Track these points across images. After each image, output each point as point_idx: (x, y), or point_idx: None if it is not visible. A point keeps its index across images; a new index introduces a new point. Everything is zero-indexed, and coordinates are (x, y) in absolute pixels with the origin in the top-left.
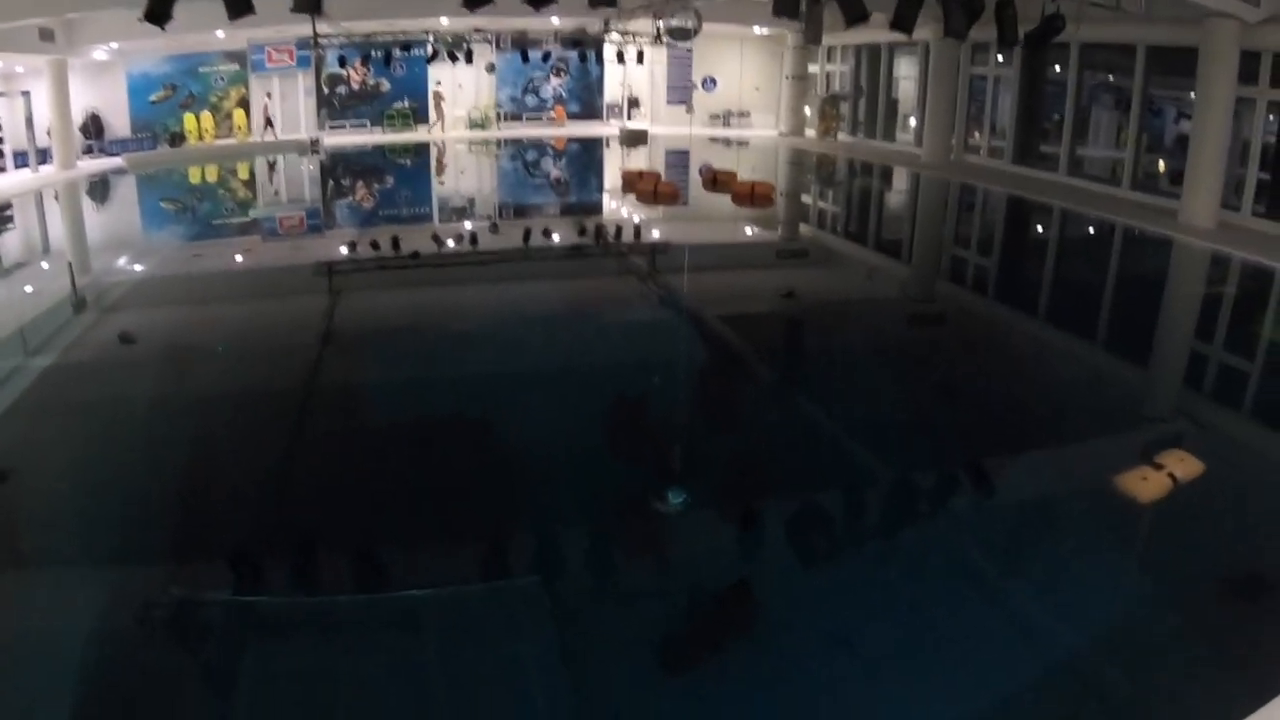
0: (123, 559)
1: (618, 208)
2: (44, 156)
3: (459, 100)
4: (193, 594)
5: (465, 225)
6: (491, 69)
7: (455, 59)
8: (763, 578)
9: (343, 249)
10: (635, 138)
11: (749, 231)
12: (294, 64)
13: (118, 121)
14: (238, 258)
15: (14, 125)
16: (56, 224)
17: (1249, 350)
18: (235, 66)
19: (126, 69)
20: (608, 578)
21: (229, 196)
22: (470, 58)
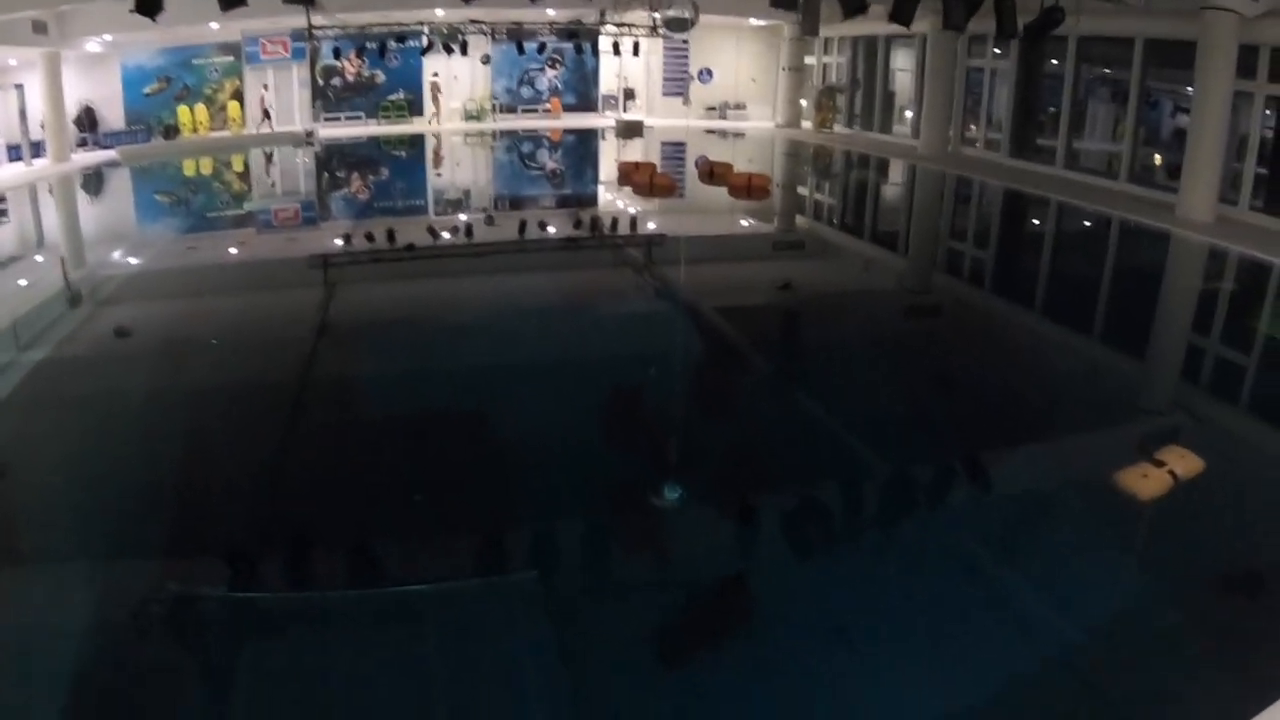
0: (118, 553)
1: (613, 200)
2: (38, 150)
3: (454, 92)
4: (189, 590)
5: (461, 217)
6: (487, 61)
7: (450, 51)
8: (759, 571)
9: (338, 241)
10: (631, 129)
11: (745, 223)
12: (289, 56)
13: (112, 114)
14: (232, 250)
15: (7, 118)
16: (51, 217)
17: (1246, 345)
18: (230, 58)
19: (120, 61)
20: (604, 572)
21: (223, 189)
22: (465, 49)
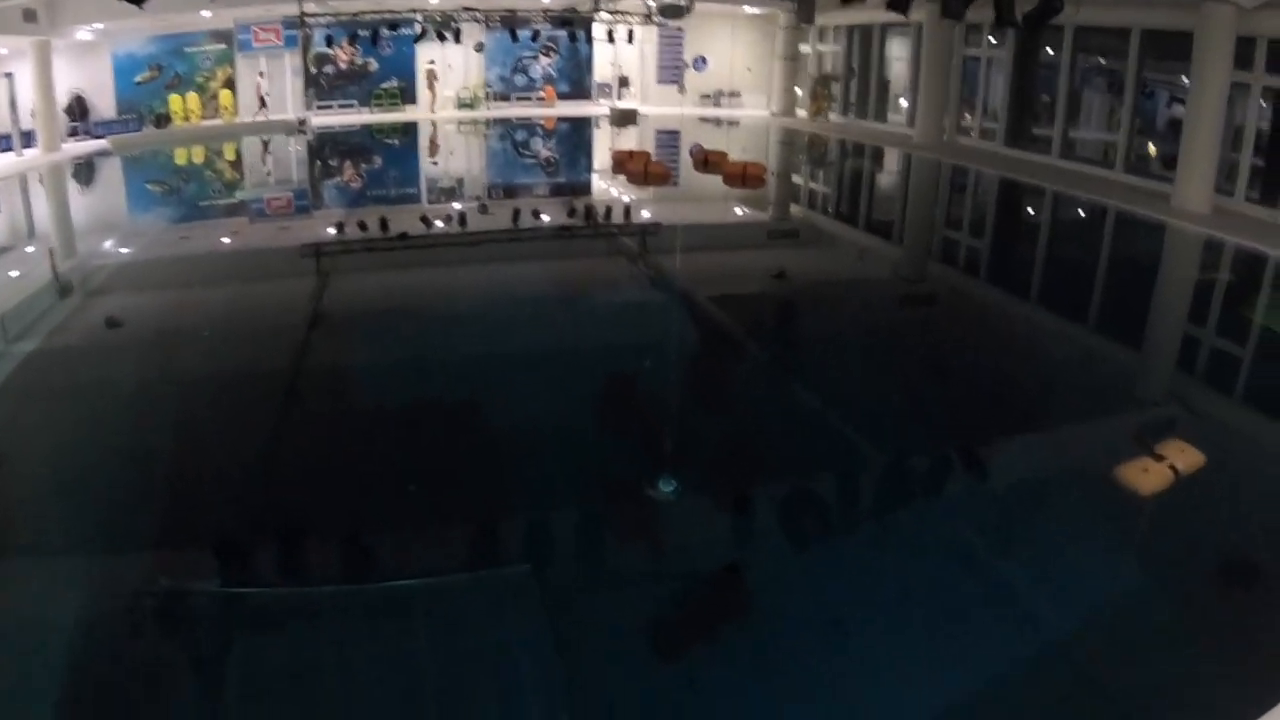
0: (108, 546)
1: (608, 188)
2: (28, 139)
3: (447, 80)
4: (180, 584)
5: (454, 206)
6: (480, 48)
7: (444, 38)
8: (755, 561)
9: (330, 230)
10: (625, 118)
11: (740, 212)
12: (281, 44)
13: (103, 103)
14: (224, 240)
15: None
16: (41, 207)
17: (1241, 336)
18: (222, 46)
19: (111, 50)
20: (599, 564)
21: (215, 178)
22: (459, 37)
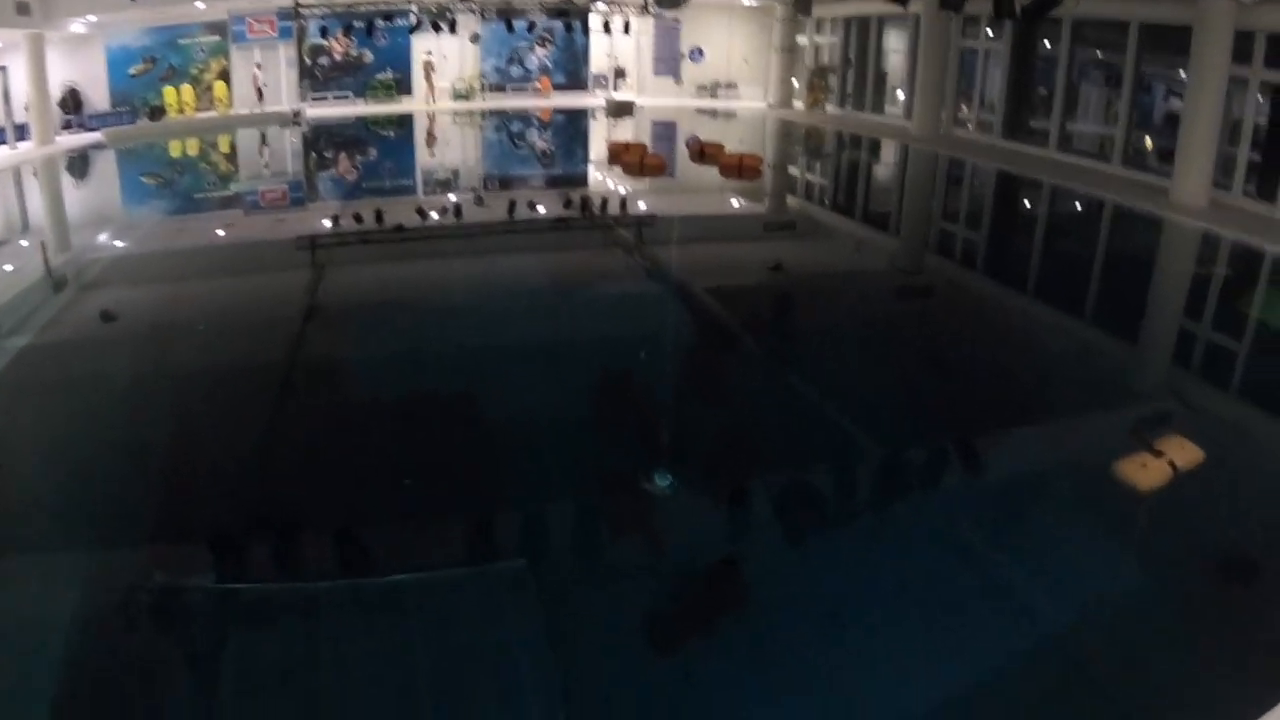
0: (103, 541)
1: (604, 180)
2: (22, 132)
3: (443, 71)
4: (175, 579)
5: (450, 198)
6: (476, 39)
7: (439, 29)
8: (751, 554)
9: (326, 223)
10: (621, 109)
11: (736, 204)
12: (275, 35)
13: (97, 96)
14: (219, 233)
15: None
16: (35, 201)
17: (1238, 330)
18: (216, 38)
19: (105, 42)
20: (594, 557)
21: (210, 170)
22: (454, 28)
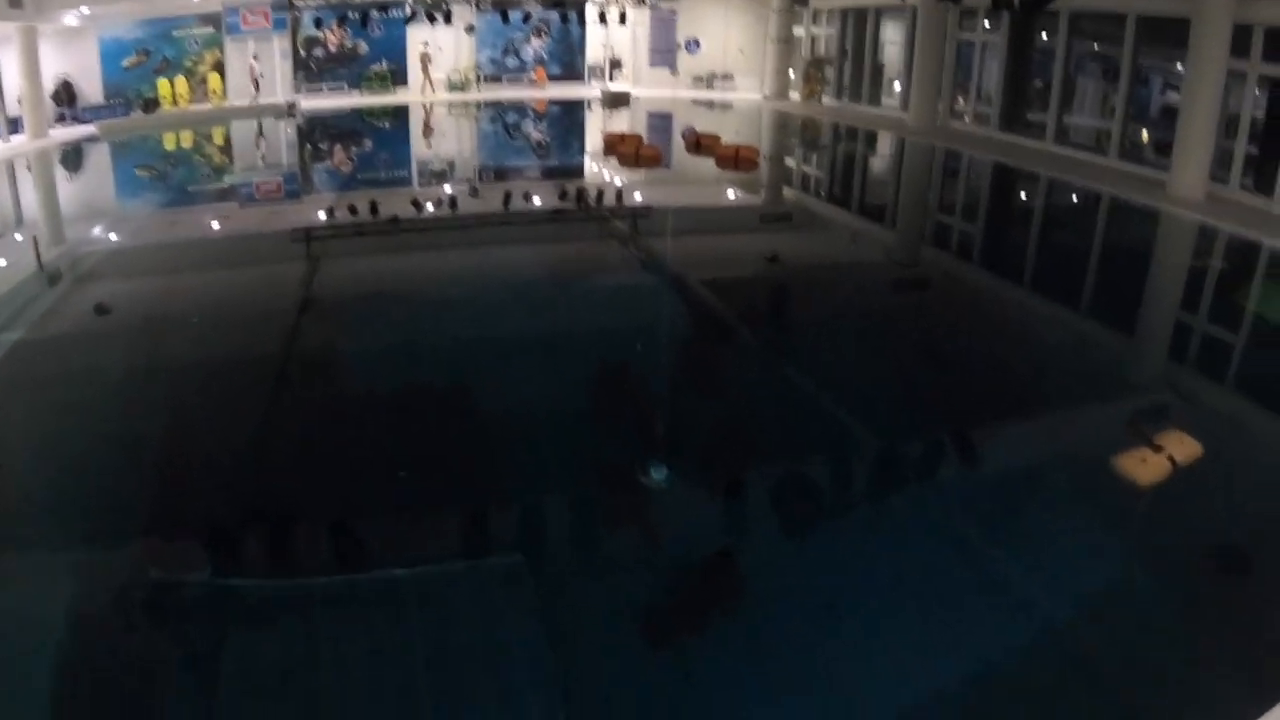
0: (97, 536)
1: (599, 171)
2: (15, 125)
3: (438, 62)
4: (170, 575)
5: (445, 189)
6: (471, 30)
7: (434, 20)
8: (748, 548)
9: (320, 215)
10: (617, 100)
11: (732, 195)
12: (269, 26)
13: (90, 88)
14: (214, 225)
15: None
16: (29, 194)
17: (1234, 323)
18: (210, 29)
19: (98, 34)
20: (591, 551)
21: (204, 163)
22: (449, 18)
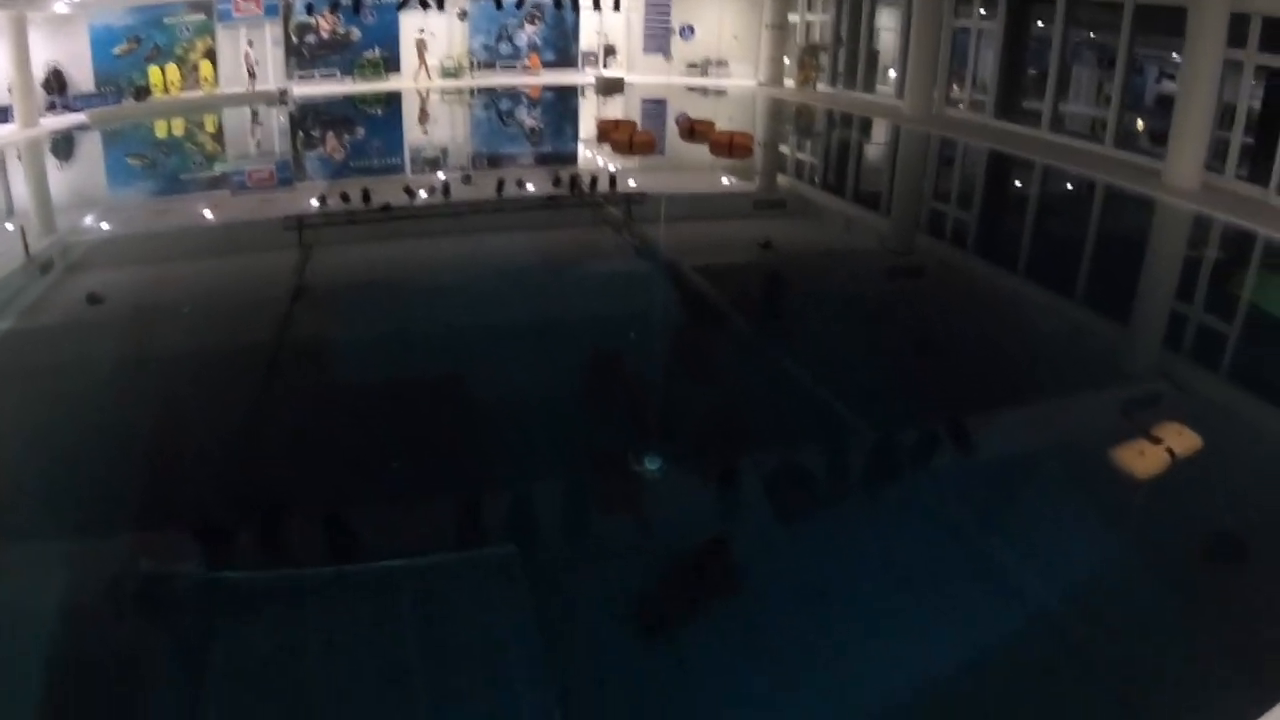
0: (89, 527)
1: (593, 157)
2: (5, 114)
3: (432, 49)
4: (162, 568)
5: (438, 176)
6: (464, 16)
7: (427, 6)
8: (741, 534)
9: (313, 203)
10: (611, 86)
11: (726, 182)
12: (261, 13)
13: (81, 76)
14: (206, 213)
15: None
16: (20, 183)
17: (1228, 312)
18: (201, 16)
19: (89, 22)
20: (583, 539)
21: (196, 151)
22: (442, 4)
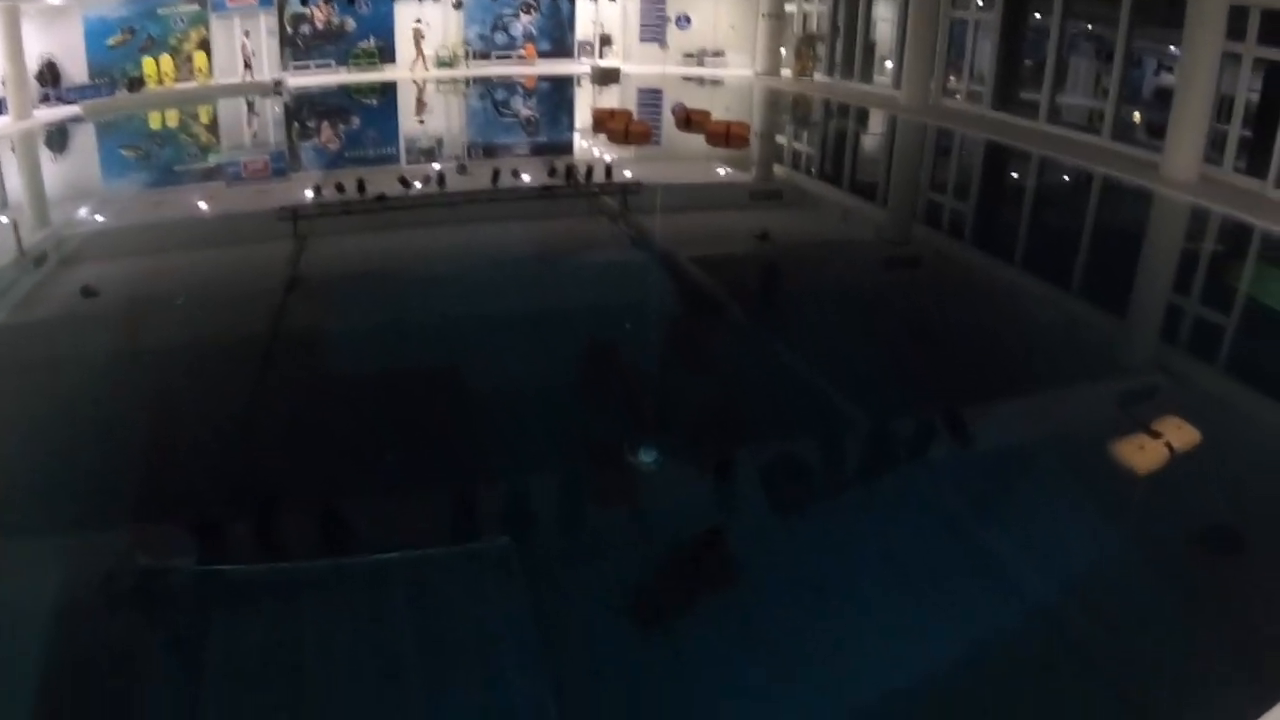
0: (84, 520)
1: (589, 147)
2: None
3: (427, 39)
4: (157, 561)
5: (433, 166)
6: (459, 6)
7: None
8: (738, 526)
9: (308, 193)
10: (607, 76)
11: (722, 172)
12: (256, 3)
13: (74, 68)
14: (201, 205)
15: None
16: (13, 175)
17: (1226, 305)
18: (195, 7)
19: (82, 13)
20: (580, 531)
21: (191, 142)
22: None
